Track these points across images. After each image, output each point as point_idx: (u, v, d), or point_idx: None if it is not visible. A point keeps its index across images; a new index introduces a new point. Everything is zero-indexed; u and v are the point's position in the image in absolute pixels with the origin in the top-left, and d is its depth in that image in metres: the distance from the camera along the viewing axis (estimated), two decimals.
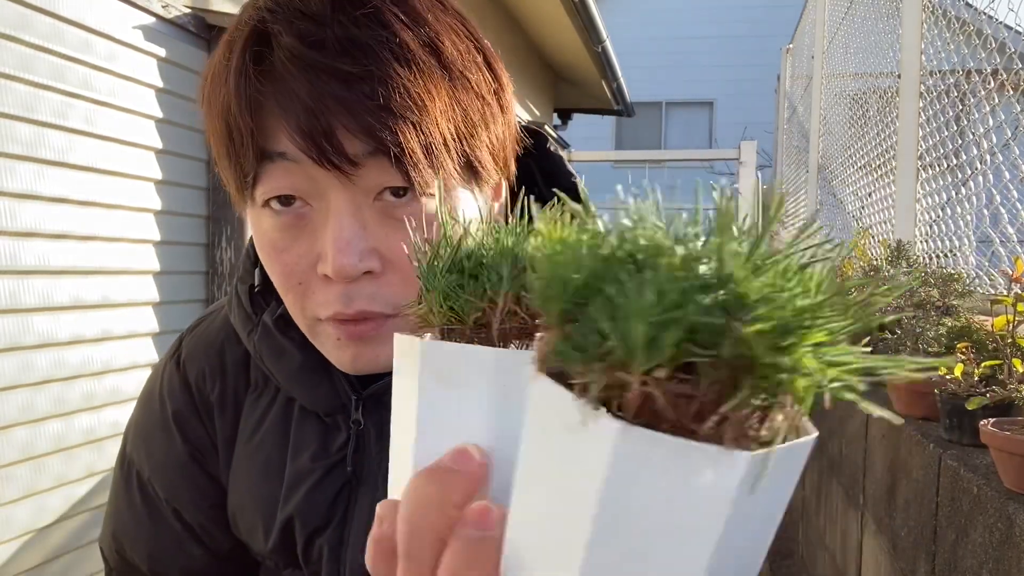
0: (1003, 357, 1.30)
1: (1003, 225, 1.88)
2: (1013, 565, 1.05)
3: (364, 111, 0.55)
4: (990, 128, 2.00)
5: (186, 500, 0.75)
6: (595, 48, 5.56)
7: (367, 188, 0.58)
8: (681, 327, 0.23)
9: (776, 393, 0.25)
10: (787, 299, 0.23)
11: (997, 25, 2.04)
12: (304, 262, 0.60)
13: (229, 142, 0.58)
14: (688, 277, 0.24)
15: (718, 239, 0.25)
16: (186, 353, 0.78)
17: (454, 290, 0.36)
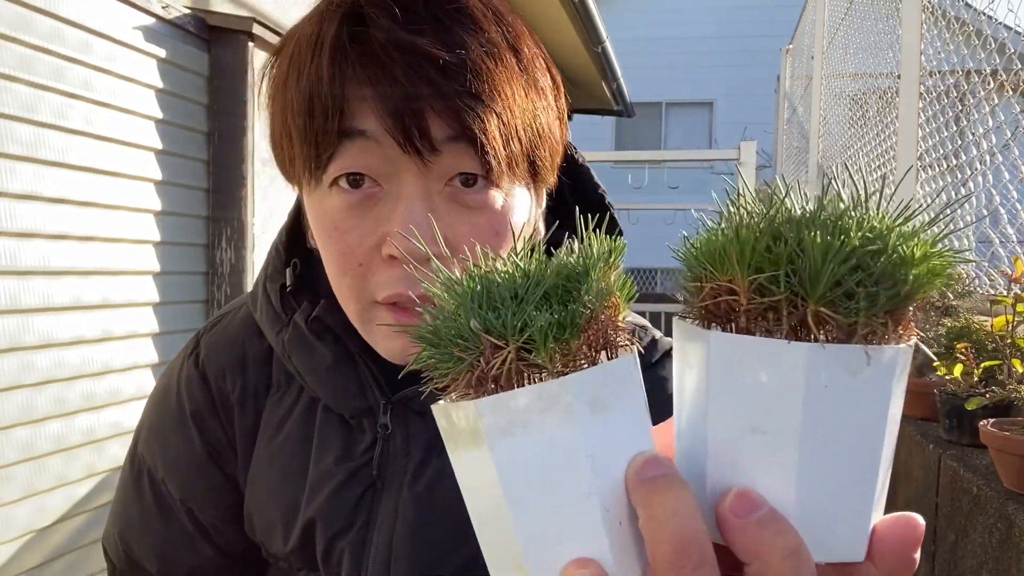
0: (1002, 357, 1.30)
1: (1003, 225, 1.88)
2: (1013, 565, 1.05)
3: (455, 95, 0.57)
4: (990, 128, 2.00)
5: (201, 499, 0.75)
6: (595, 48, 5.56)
7: (440, 174, 0.60)
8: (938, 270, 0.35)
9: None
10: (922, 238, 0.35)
11: (997, 25, 2.04)
12: (367, 243, 0.61)
13: (309, 117, 0.59)
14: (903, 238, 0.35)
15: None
16: (205, 351, 0.77)
17: (562, 319, 0.34)
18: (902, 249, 0.34)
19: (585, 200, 0.80)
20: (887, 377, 0.33)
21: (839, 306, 0.33)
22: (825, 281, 0.32)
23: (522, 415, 0.34)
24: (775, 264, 0.33)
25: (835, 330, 0.33)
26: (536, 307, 0.35)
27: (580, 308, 0.35)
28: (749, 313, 0.35)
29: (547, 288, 0.36)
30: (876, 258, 0.33)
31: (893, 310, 0.34)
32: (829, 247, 0.33)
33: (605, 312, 0.37)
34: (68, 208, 2.19)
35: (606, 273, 0.37)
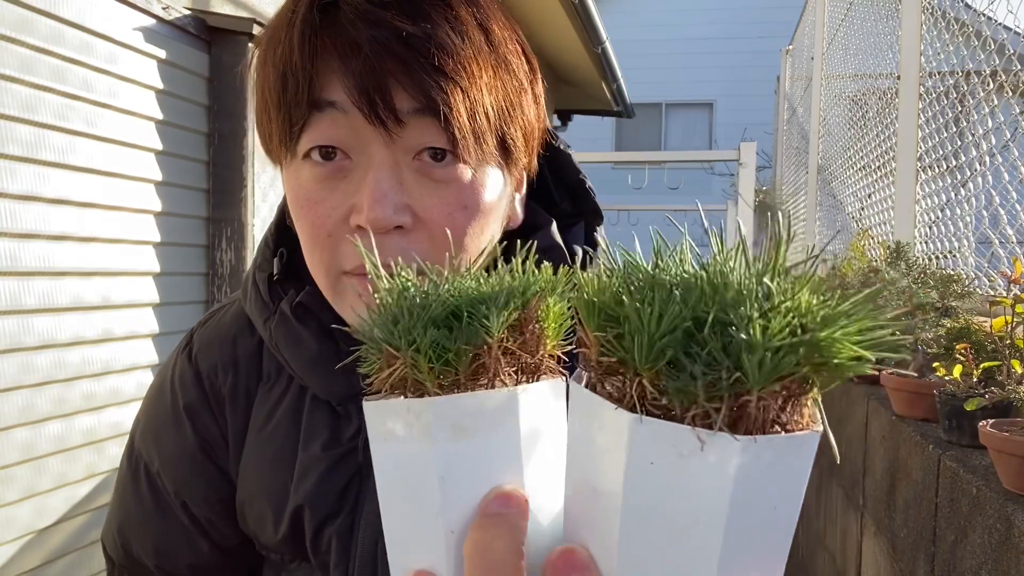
0: (1002, 358, 1.30)
1: (1002, 226, 1.88)
2: (1012, 566, 1.05)
3: (419, 69, 0.59)
4: (989, 129, 2.00)
5: (195, 494, 0.75)
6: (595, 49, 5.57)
7: (408, 147, 0.61)
8: (795, 354, 0.28)
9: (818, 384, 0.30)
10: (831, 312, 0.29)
11: (996, 26, 2.04)
12: (337, 214, 0.62)
13: (283, 90, 0.61)
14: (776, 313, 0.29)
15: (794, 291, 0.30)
16: (198, 346, 0.78)
17: (444, 343, 0.35)
18: (742, 330, 0.28)
19: (566, 185, 0.81)
20: (728, 469, 0.29)
21: (672, 380, 0.30)
22: (644, 349, 0.30)
23: (392, 425, 0.36)
24: (617, 323, 0.31)
25: (669, 405, 0.30)
26: (440, 326, 0.35)
27: (471, 333, 0.35)
28: (598, 369, 0.33)
29: (450, 310, 0.36)
30: (723, 335, 0.29)
31: (737, 395, 0.29)
32: (648, 311, 0.30)
33: (519, 340, 0.37)
34: (68, 209, 2.19)
35: (535, 303, 0.37)
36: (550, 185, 0.80)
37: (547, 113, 0.72)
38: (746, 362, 0.28)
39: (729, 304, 0.29)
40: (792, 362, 0.28)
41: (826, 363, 0.29)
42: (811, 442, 0.31)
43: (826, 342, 0.29)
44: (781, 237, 0.31)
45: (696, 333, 0.29)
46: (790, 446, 0.30)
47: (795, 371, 0.29)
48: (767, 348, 0.28)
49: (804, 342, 0.28)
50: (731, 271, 0.31)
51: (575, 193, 0.81)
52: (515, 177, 0.71)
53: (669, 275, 0.32)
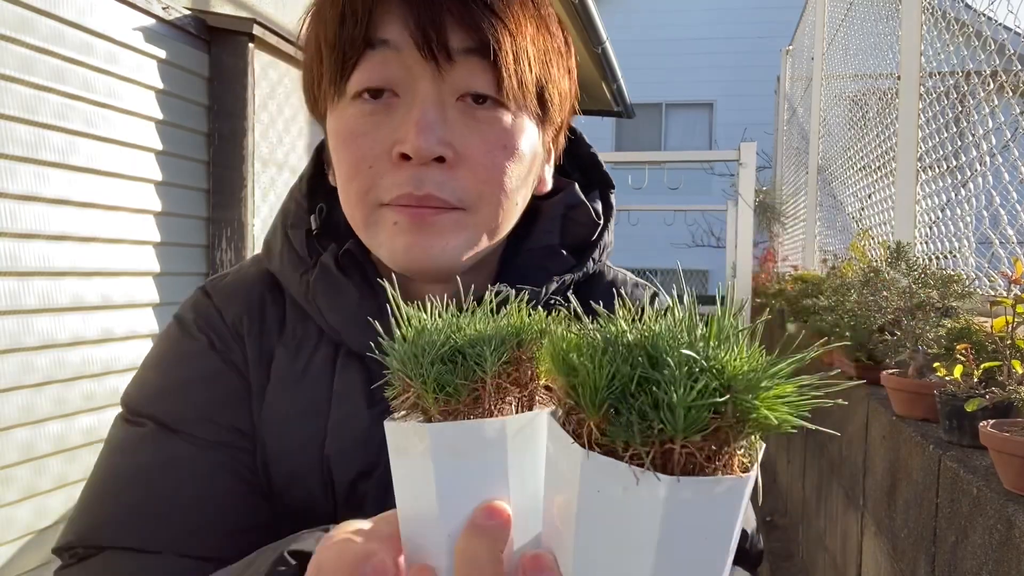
0: (1002, 358, 1.30)
1: (1003, 227, 1.88)
2: (1013, 566, 1.05)
3: (475, 6, 0.63)
4: (990, 130, 2.00)
5: (239, 412, 0.70)
6: (595, 49, 5.56)
7: (454, 87, 0.65)
8: (707, 412, 0.34)
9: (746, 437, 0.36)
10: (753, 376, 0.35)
11: (997, 27, 2.04)
12: (380, 147, 0.65)
13: (340, 28, 0.64)
14: (700, 375, 0.34)
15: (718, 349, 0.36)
16: (219, 297, 0.75)
17: (445, 377, 0.42)
18: (668, 388, 0.34)
19: (577, 160, 0.86)
20: (656, 503, 0.34)
21: (613, 424, 0.35)
22: (591, 399, 0.35)
23: (404, 442, 0.43)
24: (575, 374, 0.37)
25: (613, 444, 0.36)
26: (446, 362, 0.42)
27: (468, 370, 0.42)
28: (564, 407, 0.39)
29: (455, 348, 0.43)
30: (650, 390, 0.35)
31: (663, 442, 0.34)
32: (596, 369, 0.36)
33: (514, 375, 0.43)
34: (69, 209, 2.19)
35: (529, 343, 0.44)
36: (563, 160, 0.83)
37: None
38: (667, 417, 0.34)
39: (662, 367, 0.35)
40: (705, 418, 0.34)
41: (746, 420, 0.35)
42: (737, 486, 0.35)
43: (743, 404, 0.34)
44: (722, 311, 0.37)
45: (637, 388, 0.35)
46: (714, 487, 0.35)
47: (713, 425, 0.34)
48: (687, 406, 0.33)
49: (721, 402, 0.34)
50: (671, 338, 0.37)
51: (586, 166, 0.86)
52: (547, 139, 0.74)
53: (620, 341, 0.37)
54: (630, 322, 0.39)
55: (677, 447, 0.34)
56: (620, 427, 0.35)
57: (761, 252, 6.61)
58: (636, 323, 0.39)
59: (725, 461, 0.36)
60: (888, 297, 1.79)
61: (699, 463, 0.35)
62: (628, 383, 0.35)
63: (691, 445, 0.34)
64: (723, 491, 0.35)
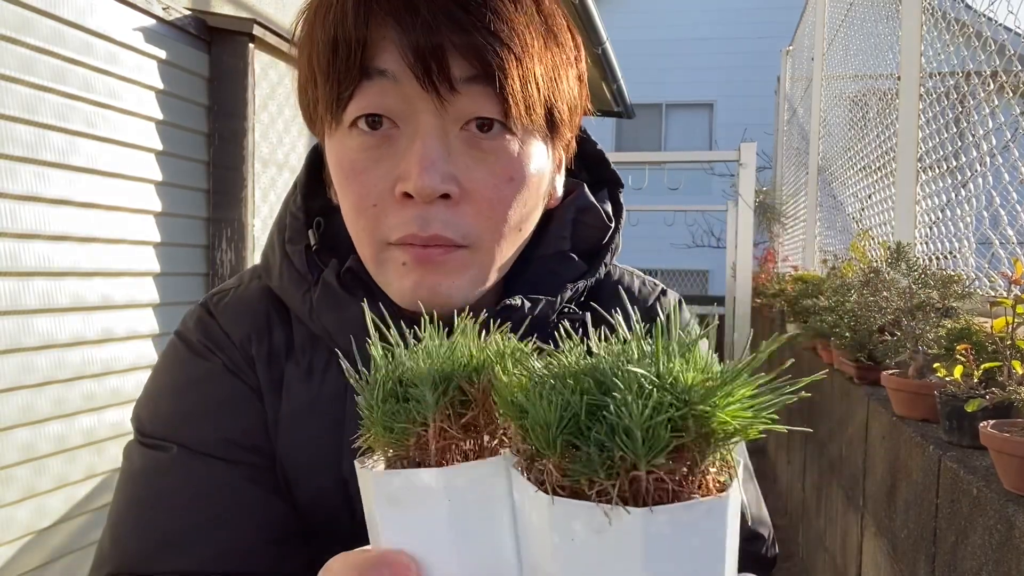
0: (1002, 359, 1.30)
1: (1003, 227, 1.88)
2: (1013, 567, 1.05)
3: (476, 32, 0.59)
4: (990, 130, 2.00)
5: (259, 432, 0.69)
6: (595, 50, 5.56)
7: (457, 116, 0.61)
8: (665, 429, 0.31)
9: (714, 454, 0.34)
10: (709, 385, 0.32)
11: (997, 27, 2.04)
12: (383, 183, 0.62)
13: (333, 56, 0.61)
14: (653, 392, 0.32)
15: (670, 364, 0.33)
16: (224, 317, 0.73)
17: (390, 419, 0.39)
18: (622, 410, 0.31)
19: (585, 159, 0.82)
20: (635, 539, 0.31)
21: (574, 462, 0.32)
22: (545, 437, 0.33)
23: (362, 487, 0.41)
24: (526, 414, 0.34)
25: (578, 484, 0.33)
26: (399, 399, 0.40)
27: (408, 412, 0.39)
28: (523, 454, 0.36)
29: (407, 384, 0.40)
30: (603, 417, 0.32)
31: (628, 471, 0.32)
32: (546, 403, 0.33)
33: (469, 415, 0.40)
34: (69, 209, 2.19)
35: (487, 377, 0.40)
36: (570, 158, 0.80)
37: None
38: (624, 441, 0.31)
39: (611, 390, 0.32)
40: (665, 437, 0.31)
41: (711, 432, 0.32)
42: (716, 507, 0.33)
43: (705, 414, 0.32)
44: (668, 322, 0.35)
45: (589, 418, 0.32)
46: (692, 513, 0.32)
47: (676, 442, 0.32)
48: (643, 427, 0.31)
49: (680, 415, 0.31)
50: (615, 360, 0.34)
51: (592, 164, 0.82)
52: (557, 154, 0.71)
53: (565, 372, 0.35)
54: (575, 350, 0.37)
55: (643, 474, 0.32)
56: (580, 463, 0.32)
57: (761, 252, 6.61)
58: (580, 349, 0.37)
59: (699, 482, 0.33)
60: (888, 297, 1.79)
61: (671, 489, 0.32)
62: (578, 415, 0.32)
63: (658, 470, 0.32)
64: (702, 514, 0.32)
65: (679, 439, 0.32)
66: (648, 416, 0.31)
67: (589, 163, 0.83)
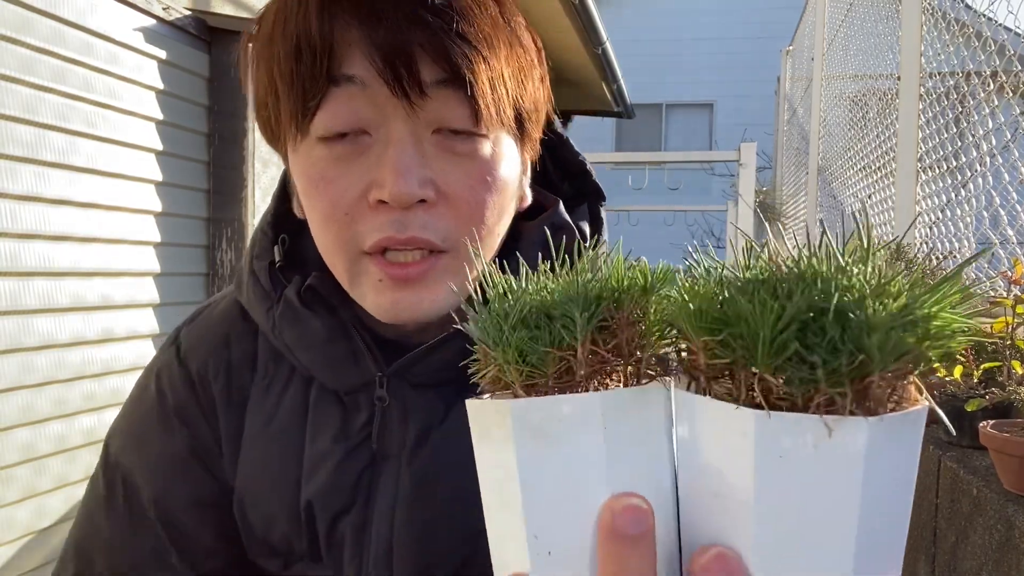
0: (1002, 359, 1.30)
1: (1003, 227, 1.88)
2: (1013, 567, 1.05)
3: (445, 36, 0.57)
4: (990, 130, 2.00)
5: (178, 499, 0.71)
6: (595, 50, 5.56)
7: (428, 120, 0.60)
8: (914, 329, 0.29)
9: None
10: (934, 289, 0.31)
11: (997, 27, 2.04)
12: (354, 191, 0.60)
13: (296, 65, 0.59)
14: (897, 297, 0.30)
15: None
16: (187, 345, 0.75)
17: (529, 344, 0.35)
18: (860, 312, 0.29)
19: (565, 168, 0.80)
20: (857, 452, 0.29)
21: (791, 372, 0.30)
22: (764, 346, 0.30)
23: (483, 423, 0.37)
24: (727, 325, 0.32)
25: (790, 397, 0.31)
26: (531, 327, 0.35)
27: (554, 336, 0.35)
28: (709, 373, 0.34)
29: (544, 310, 0.36)
30: (839, 321, 0.30)
31: (860, 378, 0.30)
32: (764, 309, 0.30)
33: (613, 342, 0.36)
34: (69, 209, 2.19)
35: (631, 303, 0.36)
36: (549, 169, 0.79)
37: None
38: (868, 344, 0.28)
39: (841, 290, 0.30)
40: (911, 339, 0.29)
41: (935, 338, 0.30)
42: (923, 416, 0.32)
43: (932, 317, 0.30)
44: (866, 224, 0.33)
45: (811, 323, 0.30)
46: (907, 422, 0.31)
47: (914, 349, 0.30)
48: (888, 328, 0.29)
49: (919, 318, 0.29)
50: (831, 260, 0.32)
51: (575, 175, 0.80)
52: (525, 155, 0.70)
53: (766, 275, 0.32)
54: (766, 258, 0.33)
55: (876, 380, 0.29)
56: (804, 371, 0.29)
57: None
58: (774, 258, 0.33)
59: (906, 391, 0.31)
60: None
61: (888, 398, 0.30)
62: (799, 322, 0.29)
63: (888, 376, 0.30)
64: (912, 423, 0.31)
65: (917, 344, 0.30)
66: (897, 315, 0.29)
67: (572, 172, 0.80)
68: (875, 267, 0.32)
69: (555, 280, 0.38)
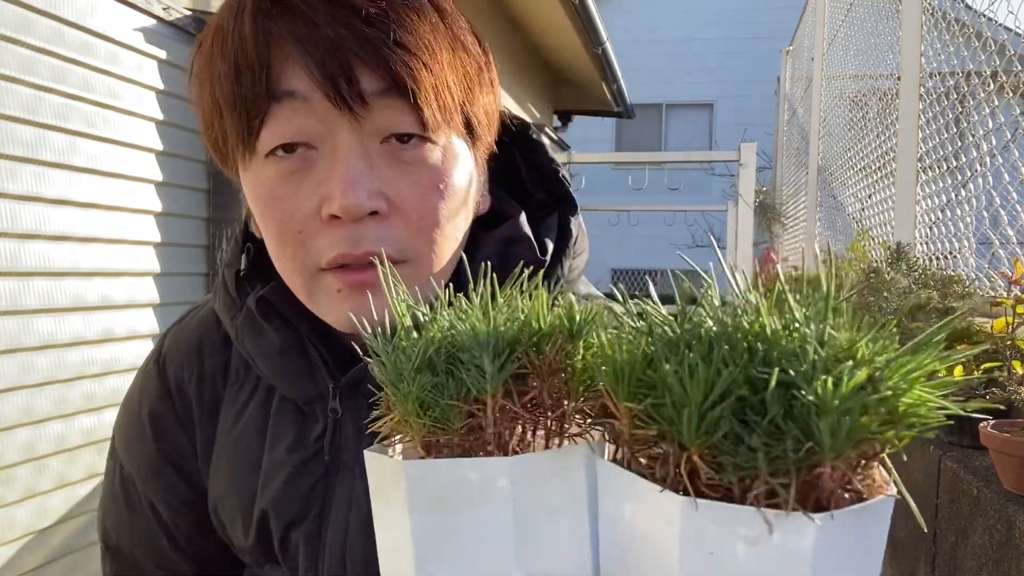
0: (1002, 359, 1.30)
1: (1003, 227, 1.88)
2: (1013, 567, 1.05)
3: (383, 46, 0.57)
4: (990, 130, 2.00)
5: (159, 497, 0.76)
6: (595, 50, 5.56)
7: (374, 130, 0.59)
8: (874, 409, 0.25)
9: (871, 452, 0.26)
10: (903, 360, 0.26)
11: (997, 27, 2.04)
12: (306, 207, 0.60)
13: (236, 85, 0.58)
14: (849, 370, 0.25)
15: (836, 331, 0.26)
16: (167, 349, 0.77)
17: (430, 394, 0.30)
18: (808, 389, 0.23)
19: (540, 174, 0.78)
20: (803, 553, 0.24)
21: (726, 455, 0.25)
22: (691, 422, 0.24)
23: (380, 481, 0.32)
24: (653, 390, 0.26)
25: (725, 483, 0.25)
26: (436, 371, 0.30)
27: (461, 386, 0.30)
28: (631, 442, 0.28)
29: (449, 351, 0.31)
30: (783, 397, 0.24)
31: (808, 467, 0.24)
32: (693, 378, 0.24)
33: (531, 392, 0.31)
34: (69, 209, 2.19)
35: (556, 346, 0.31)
36: (523, 174, 0.78)
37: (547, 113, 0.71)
38: (817, 429, 0.23)
39: (785, 358, 0.24)
40: (872, 424, 0.24)
41: (903, 420, 0.25)
42: (887, 507, 0.27)
43: (897, 392, 0.24)
44: (831, 262, 0.27)
45: (749, 397, 0.24)
46: (865, 516, 0.26)
47: (874, 433, 0.24)
48: (842, 412, 0.23)
49: (881, 397, 0.24)
50: (776, 316, 0.26)
51: (549, 182, 0.78)
52: (480, 158, 0.69)
53: (704, 327, 0.26)
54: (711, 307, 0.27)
55: (827, 470, 0.24)
56: (741, 455, 0.24)
57: (761, 253, 6.61)
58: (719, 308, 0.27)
59: (867, 476, 0.26)
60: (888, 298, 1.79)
61: (837, 488, 0.25)
62: (734, 395, 0.24)
63: (841, 465, 0.25)
64: (875, 515, 0.26)
65: (877, 426, 0.24)
66: (852, 393, 0.23)
67: (545, 178, 0.78)
68: (835, 325, 0.26)
69: (472, 311, 0.32)
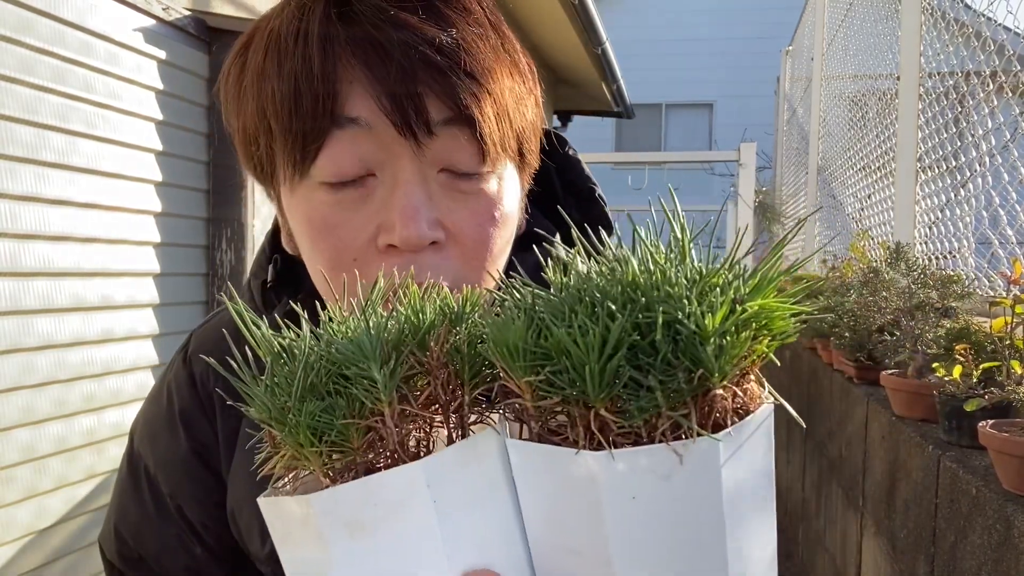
0: (1001, 359, 1.30)
1: (1002, 227, 1.88)
2: (1012, 566, 1.05)
3: (452, 74, 0.56)
4: (989, 130, 2.00)
5: (189, 497, 0.74)
6: (595, 50, 5.56)
7: (434, 160, 0.58)
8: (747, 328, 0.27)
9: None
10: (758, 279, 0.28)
11: (996, 27, 2.04)
12: (362, 236, 0.58)
13: (295, 106, 0.56)
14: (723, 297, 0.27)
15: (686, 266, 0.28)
16: (193, 348, 0.77)
17: (322, 419, 0.28)
18: (689, 322, 0.25)
19: (575, 193, 0.78)
20: (713, 472, 0.26)
21: (629, 402, 0.26)
22: (594, 378, 0.25)
23: (285, 524, 0.31)
24: (548, 359, 0.27)
25: (633, 430, 0.27)
26: (324, 395, 0.29)
27: (354, 402, 0.29)
28: (536, 416, 0.29)
29: (335, 371, 0.30)
30: (669, 335, 0.26)
31: (702, 393, 0.26)
32: (587, 336, 0.25)
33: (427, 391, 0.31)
34: (69, 210, 2.19)
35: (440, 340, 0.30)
36: (559, 192, 0.78)
37: (547, 113, 0.71)
38: (704, 355, 0.25)
39: (661, 302, 0.26)
40: (746, 340, 0.26)
41: (768, 331, 0.27)
42: (769, 413, 0.29)
43: (763, 310, 0.27)
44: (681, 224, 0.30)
45: (640, 343, 0.26)
46: (755, 424, 0.28)
47: (751, 350, 0.27)
48: (721, 333, 0.25)
49: (750, 316, 0.26)
50: (646, 267, 0.28)
51: (583, 200, 0.78)
52: (525, 182, 0.69)
53: (580, 289, 0.27)
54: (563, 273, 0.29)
55: (719, 391, 0.26)
56: (644, 398, 0.25)
57: (761, 253, 6.61)
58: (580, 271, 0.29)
59: (747, 393, 0.28)
60: (888, 297, 1.79)
61: (728, 406, 0.27)
62: (626, 342, 0.26)
63: (730, 384, 0.27)
64: (764, 426, 0.28)
65: (754, 343, 0.26)
66: (726, 319, 0.25)
67: (579, 196, 0.78)
68: (694, 265, 0.28)
69: (348, 321, 0.32)
